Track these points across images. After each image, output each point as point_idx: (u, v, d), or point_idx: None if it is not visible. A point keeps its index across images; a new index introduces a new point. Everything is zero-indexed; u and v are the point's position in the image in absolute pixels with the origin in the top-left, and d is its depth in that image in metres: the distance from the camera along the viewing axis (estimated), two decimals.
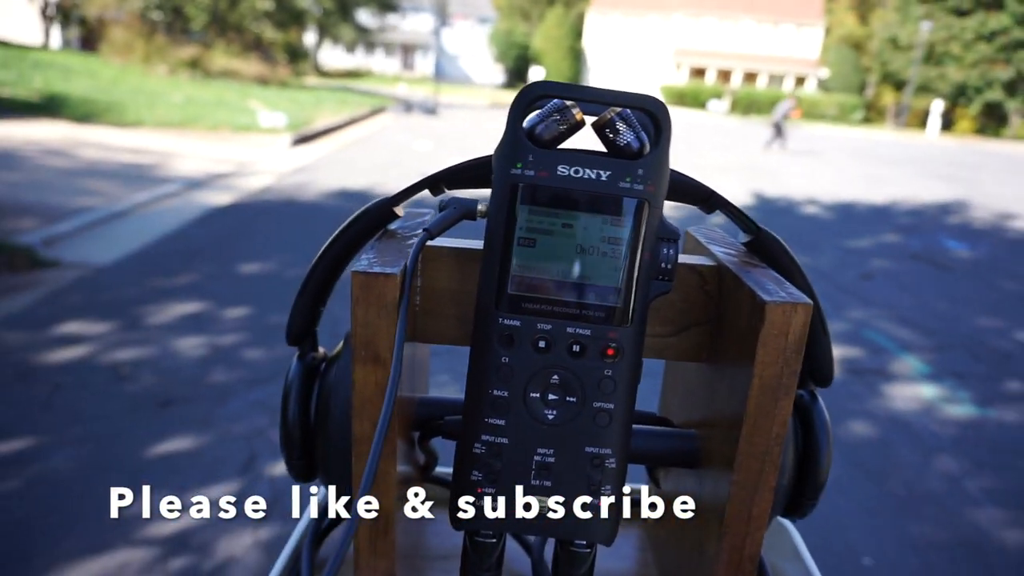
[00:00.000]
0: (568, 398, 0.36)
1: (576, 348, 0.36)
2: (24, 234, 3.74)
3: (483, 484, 0.37)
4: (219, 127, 8.99)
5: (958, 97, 29.60)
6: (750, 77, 37.76)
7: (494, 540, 0.39)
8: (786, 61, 37.42)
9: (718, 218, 0.44)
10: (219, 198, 5.28)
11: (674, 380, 0.54)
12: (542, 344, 0.36)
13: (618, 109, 0.36)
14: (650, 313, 0.39)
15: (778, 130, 13.66)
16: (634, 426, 0.40)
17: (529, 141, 0.35)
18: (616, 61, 38.83)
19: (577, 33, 38.86)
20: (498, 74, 37.65)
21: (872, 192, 8.47)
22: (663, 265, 0.37)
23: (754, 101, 33.10)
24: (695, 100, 33.40)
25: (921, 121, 30.32)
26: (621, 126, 0.36)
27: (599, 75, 38.86)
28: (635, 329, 0.36)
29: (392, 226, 0.44)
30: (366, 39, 31.56)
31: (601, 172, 0.35)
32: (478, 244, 0.40)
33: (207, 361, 2.49)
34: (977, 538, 1.85)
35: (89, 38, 19.23)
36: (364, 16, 27.62)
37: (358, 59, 37.36)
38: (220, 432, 2.03)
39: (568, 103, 0.36)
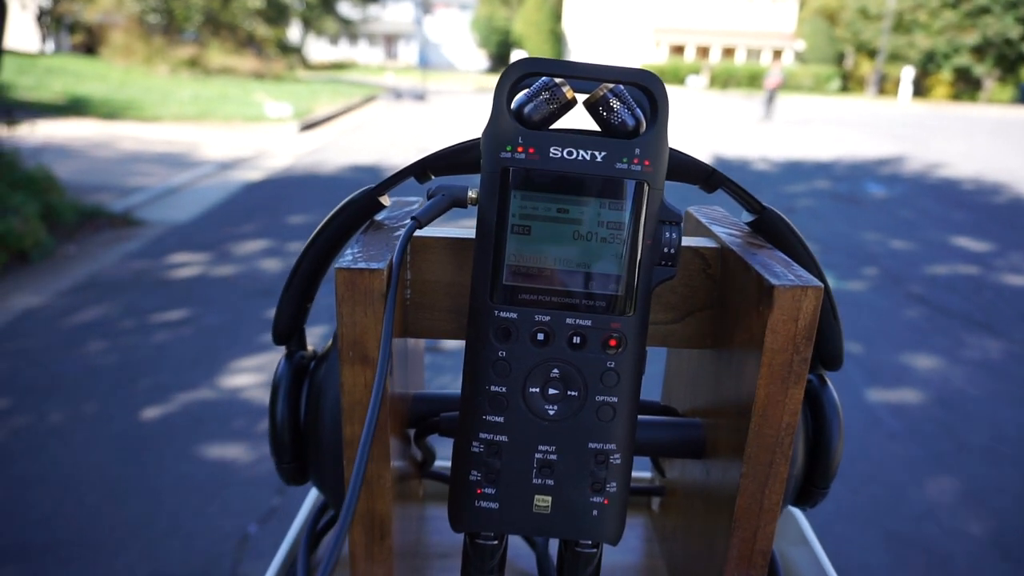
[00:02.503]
0: (569, 392, 0.35)
1: (577, 340, 0.35)
2: (107, 206, 4.72)
3: (482, 484, 0.36)
4: (231, 119, 9.92)
5: (927, 64, 30.60)
6: (728, 52, 38.56)
7: (495, 542, 0.38)
8: (763, 35, 38.26)
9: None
10: (251, 175, 6.25)
11: (678, 367, 0.52)
12: (541, 336, 0.35)
13: (611, 85, 0.34)
14: (652, 299, 0.39)
15: (770, 99, 13.82)
16: (638, 417, 0.38)
17: (518, 122, 0.34)
18: (596, 42, 39.61)
19: (556, 16, 39.57)
20: (482, 59, 38.32)
21: (823, 151, 9.48)
22: (666, 250, 0.35)
23: (732, 75, 33.99)
24: (674, 77, 34.25)
25: (897, 88, 31.28)
26: (615, 103, 0.34)
27: (580, 57, 39.66)
28: (638, 318, 0.35)
29: (379, 217, 0.43)
30: (349, 31, 32.03)
31: (596, 153, 0.34)
32: (471, 233, 0.38)
33: (287, 272, 3.49)
34: None
35: (88, 43, 19.95)
36: (346, 8, 28.21)
37: (342, 51, 37.96)
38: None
39: (558, 80, 0.34)
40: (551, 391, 0.35)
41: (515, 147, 0.34)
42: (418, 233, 0.40)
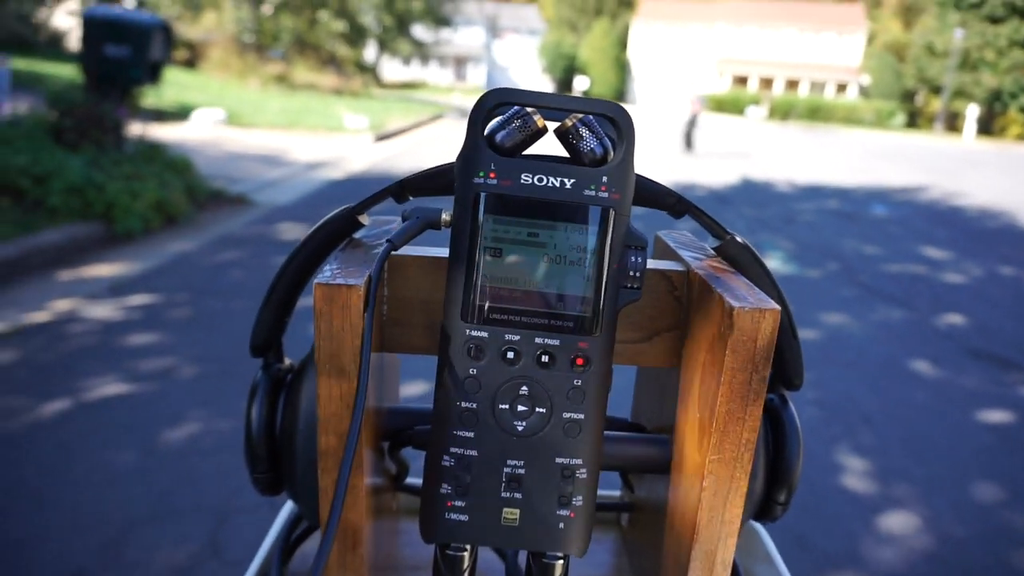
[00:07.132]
0: (538, 409, 0.37)
1: (545, 358, 0.36)
2: (226, 189, 5.95)
3: (453, 497, 0.37)
4: (316, 128, 11.26)
5: (994, 102, 30.39)
6: (792, 84, 38.82)
7: (465, 553, 0.39)
8: (827, 68, 38.44)
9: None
10: (334, 173, 7.45)
11: (646, 385, 0.54)
12: (510, 355, 0.36)
13: (580, 115, 0.36)
14: (621, 319, 0.41)
15: (688, 134, 12.10)
16: (605, 432, 0.40)
17: (491, 149, 0.36)
18: (660, 70, 40.46)
19: (622, 44, 40.62)
20: (547, 84, 39.60)
21: (849, 179, 10.18)
22: (632, 273, 0.37)
23: (792, 107, 34.35)
24: (735, 107, 34.82)
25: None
26: (584, 132, 0.36)
27: (643, 84, 40.62)
28: (604, 338, 0.37)
29: (357, 235, 0.44)
30: (421, 53, 33.38)
31: (565, 180, 0.35)
32: (446, 252, 0.39)
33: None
34: None
35: (190, 58, 21.98)
36: (420, 31, 29.66)
37: (414, 71, 39.72)
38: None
39: (529, 110, 0.36)
40: (520, 408, 0.37)
41: (487, 173, 0.35)
42: (395, 252, 0.40)
